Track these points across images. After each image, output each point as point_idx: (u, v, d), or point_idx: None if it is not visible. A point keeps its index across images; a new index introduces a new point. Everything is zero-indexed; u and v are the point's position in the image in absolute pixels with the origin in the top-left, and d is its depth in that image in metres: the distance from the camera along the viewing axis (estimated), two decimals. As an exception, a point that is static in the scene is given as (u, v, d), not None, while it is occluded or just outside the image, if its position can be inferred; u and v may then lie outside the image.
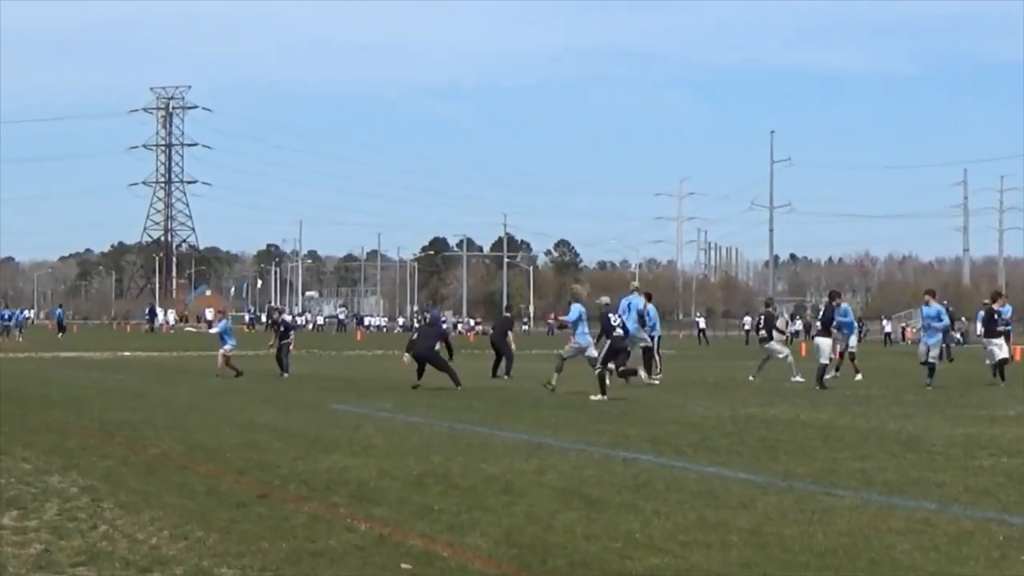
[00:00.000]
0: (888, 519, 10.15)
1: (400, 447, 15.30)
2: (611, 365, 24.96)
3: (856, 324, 37.65)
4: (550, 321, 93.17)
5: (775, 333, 31.14)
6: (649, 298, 34.04)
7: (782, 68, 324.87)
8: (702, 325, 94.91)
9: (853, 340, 33.07)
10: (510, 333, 33.88)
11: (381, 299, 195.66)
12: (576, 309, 26.67)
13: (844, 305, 33.21)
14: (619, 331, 25.02)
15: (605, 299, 25.97)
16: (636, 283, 33.75)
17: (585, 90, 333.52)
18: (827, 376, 27.86)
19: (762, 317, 32.84)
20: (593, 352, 25.83)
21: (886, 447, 15.47)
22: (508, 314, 37.36)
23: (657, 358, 32.44)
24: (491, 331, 39.50)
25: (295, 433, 17.05)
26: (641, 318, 30.03)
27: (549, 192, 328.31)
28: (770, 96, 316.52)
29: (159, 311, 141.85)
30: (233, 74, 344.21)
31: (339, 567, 8.48)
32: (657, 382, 28.72)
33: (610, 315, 25.28)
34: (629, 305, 29.69)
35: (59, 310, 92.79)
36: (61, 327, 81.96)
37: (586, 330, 26.54)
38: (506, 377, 31.53)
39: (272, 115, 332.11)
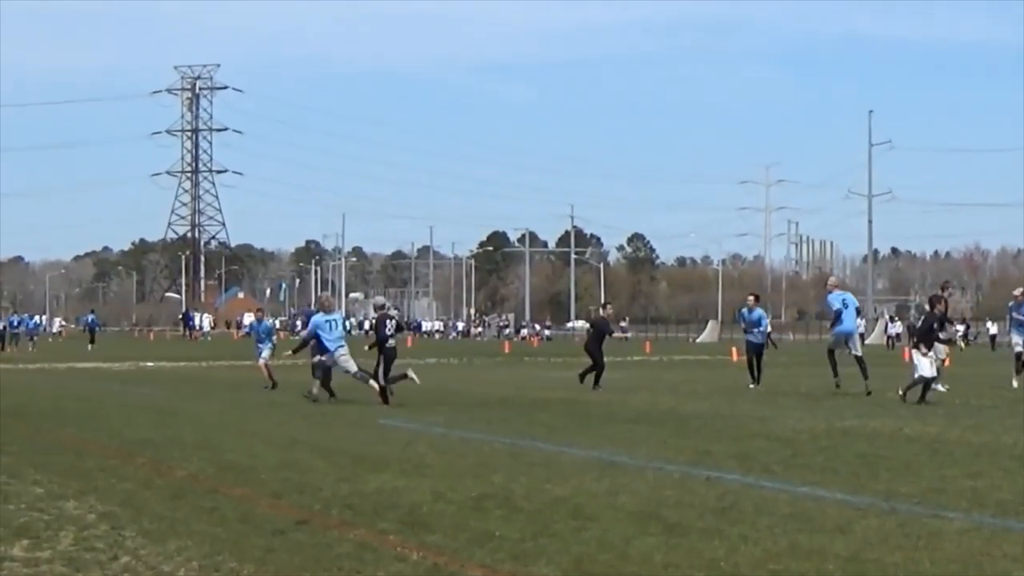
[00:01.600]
0: (1003, 544, 10.09)
1: (456, 466, 15.34)
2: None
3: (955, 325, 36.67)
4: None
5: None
6: (757, 299, 34.04)
7: (882, 40, 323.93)
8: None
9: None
10: (607, 337, 33.61)
11: (434, 301, 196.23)
12: (315, 319, 27.85)
13: None
14: (392, 341, 26.67)
15: (380, 299, 26.54)
16: (833, 279, 32.95)
17: (661, 66, 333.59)
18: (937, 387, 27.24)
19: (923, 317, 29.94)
20: (351, 366, 26.99)
21: (1000, 463, 15.38)
22: (604, 314, 36.40)
23: (756, 370, 32.24)
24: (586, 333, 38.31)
25: (338, 451, 17.13)
26: (838, 317, 29.10)
27: (621, 180, 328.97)
28: (868, 72, 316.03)
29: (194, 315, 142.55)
30: (267, 51, 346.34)
31: (387, 601, 8.52)
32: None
33: (387, 321, 26.29)
34: (844, 301, 29.25)
35: (91, 316, 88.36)
36: (92, 337, 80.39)
37: (338, 338, 27.40)
38: (594, 389, 31.25)
39: (311, 96, 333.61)
